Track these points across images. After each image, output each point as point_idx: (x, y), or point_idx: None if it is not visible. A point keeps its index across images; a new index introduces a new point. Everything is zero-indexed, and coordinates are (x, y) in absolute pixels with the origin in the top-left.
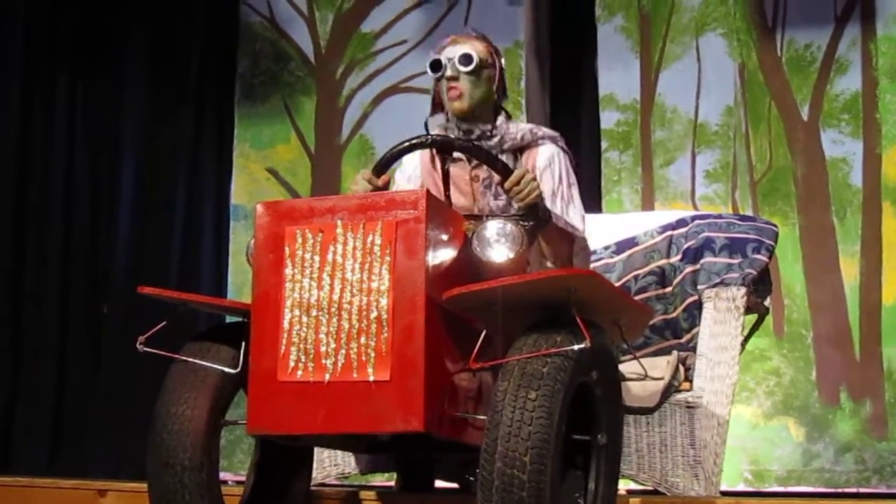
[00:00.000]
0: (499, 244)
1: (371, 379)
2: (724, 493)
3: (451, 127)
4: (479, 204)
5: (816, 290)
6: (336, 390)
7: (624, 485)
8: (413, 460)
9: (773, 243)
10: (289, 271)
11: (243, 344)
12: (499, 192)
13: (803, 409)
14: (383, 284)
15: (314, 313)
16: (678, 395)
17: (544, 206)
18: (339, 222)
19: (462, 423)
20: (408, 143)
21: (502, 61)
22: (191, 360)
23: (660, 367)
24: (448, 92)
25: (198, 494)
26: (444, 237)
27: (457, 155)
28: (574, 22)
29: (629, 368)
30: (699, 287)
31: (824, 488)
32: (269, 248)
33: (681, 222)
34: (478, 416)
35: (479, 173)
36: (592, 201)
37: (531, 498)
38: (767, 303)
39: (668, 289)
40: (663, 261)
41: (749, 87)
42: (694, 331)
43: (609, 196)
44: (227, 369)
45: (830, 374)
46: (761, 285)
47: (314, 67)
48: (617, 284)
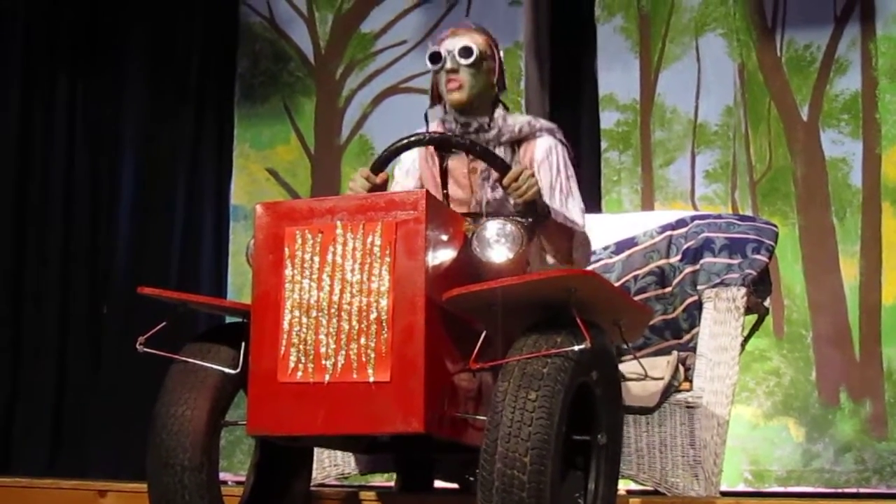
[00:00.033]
0: (498, 244)
1: (371, 380)
2: (724, 494)
3: (448, 119)
4: (476, 196)
5: (816, 290)
6: (336, 391)
7: (624, 485)
8: (413, 461)
9: (772, 243)
10: (288, 272)
11: (243, 345)
12: (496, 184)
13: (803, 410)
14: (383, 285)
15: (314, 314)
16: (678, 396)
17: (543, 202)
18: (338, 223)
19: (462, 424)
20: (405, 141)
21: (501, 54)
22: (191, 360)
23: (660, 367)
24: (447, 84)
25: (197, 495)
26: (444, 238)
27: None
28: (574, 22)
29: (629, 368)
30: (699, 287)
31: (824, 488)
32: (268, 249)
33: (680, 222)
34: (478, 416)
35: (477, 165)
36: (592, 201)
37: (531, 498)
38: (767, 303)
39: (668, 289)
40: (663, 261)
41: (749, 88)
42: (694, 331)
43: (609, 196)
44: (226, 370)
45: (830, 375)
46: (761, 285)
47: (314, 68)
48: (616, 285)
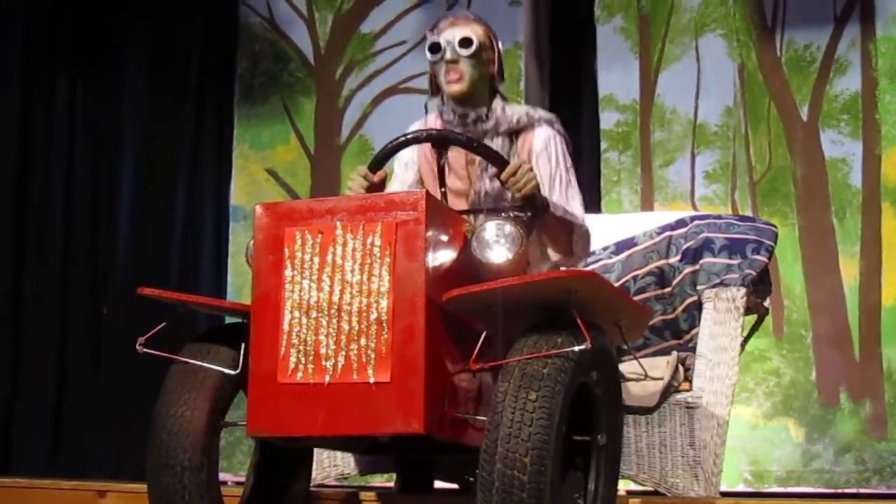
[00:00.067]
0: (498, 245)
1: (371, 380)
2: (724, 494)
3: (446, 110)
4: (475, 187)
5: (816, 290)
6: (336, 392)
7: (624, 485)
8: (413, 461)
9: (772, 244)
10: (288, 272)
11: (243, 345)
12: (495, 176)
13: (803, 410)
14: (383, 286)
15: (314, 315)
16: (678, 396)
17: (542, 196)
18: (338, 223)
19: (462, 425)
20: (403, 139)
21: (500, 45)
22: (190, 361)
23: (659, 367)
24: (447, 75)
25: (197, 495)
26: (444, 238)
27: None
28: (574, 22)
29: (629, 369)
30: (699, 287)
31: (824, 489)
32: (268, 250)
33: (680, 223)
34: (478, 417)
35: (476, 157)
36: (592, 201)
37: (531, 499)
38: (767, 303)
39: (668, 289)
40: (662, 261)
41: (748, 88)
42: (693, 331)
43: (608, 196)
44: (226, 370)
45: (830, 375)
46: (761, 286)
47: (314, 68)
48: (616, 285)
